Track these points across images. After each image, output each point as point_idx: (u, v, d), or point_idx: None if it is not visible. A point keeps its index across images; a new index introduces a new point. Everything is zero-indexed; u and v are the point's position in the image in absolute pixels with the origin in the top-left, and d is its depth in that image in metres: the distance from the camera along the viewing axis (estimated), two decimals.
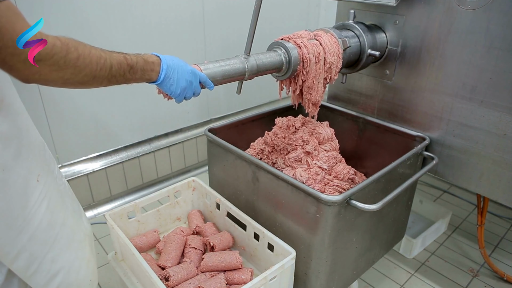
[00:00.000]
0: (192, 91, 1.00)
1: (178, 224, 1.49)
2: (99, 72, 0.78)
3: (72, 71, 0.73)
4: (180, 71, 0.96)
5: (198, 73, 1.00)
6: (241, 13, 2.34)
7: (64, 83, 0.74)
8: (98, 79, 0.79)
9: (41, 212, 0.87)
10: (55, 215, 0.92)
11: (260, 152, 1.49)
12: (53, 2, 1.64)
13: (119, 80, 0.84)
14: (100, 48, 0.80)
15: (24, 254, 0.86)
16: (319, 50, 1.23)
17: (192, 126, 2.41)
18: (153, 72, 0.92)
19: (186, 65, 0.98)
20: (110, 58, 0.81)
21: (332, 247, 1.12)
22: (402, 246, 1.79)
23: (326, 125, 1.49)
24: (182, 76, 0.96)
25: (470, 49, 1.24)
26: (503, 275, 1.65)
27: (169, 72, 0.94)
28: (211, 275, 1.20)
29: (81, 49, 0.74)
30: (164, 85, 0.95)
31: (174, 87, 0.95)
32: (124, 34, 1.90)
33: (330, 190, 1.33)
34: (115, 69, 0.82)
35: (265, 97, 2.78)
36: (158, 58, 0.93)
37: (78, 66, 0.73)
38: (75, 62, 0.72)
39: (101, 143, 2.03)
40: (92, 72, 0.77)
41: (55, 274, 0.94)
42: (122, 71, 0.84)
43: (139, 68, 0.88)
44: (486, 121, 1.26)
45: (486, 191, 1.33)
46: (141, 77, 0.89)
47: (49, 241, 0.91)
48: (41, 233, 0.88)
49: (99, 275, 1.66)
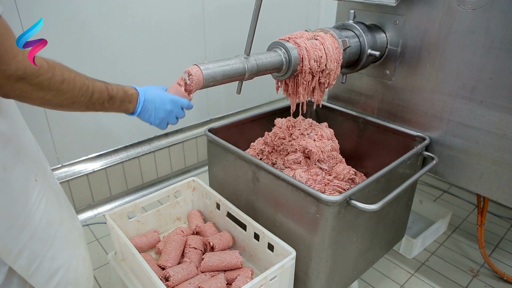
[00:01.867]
0: (174, 118, 1.04)
1: (178, 224, 1.49)
2: (79, 98, 0.81)
3: (54, 93, 0.75)
4: (159, 103, 0.99)
5: (179, 100, 1.02)
6: (241, 13, 2.34)
7: (42, 103, 0.76)
8: (77, 104, 0.81)
9: (40, 211, 0.89)
10: (53, 214, 0.94)
11: (260, 152, 1.49)
12: (53, 2, 1.64)
13: (97, 107, 0.87)
14: (84, 75, 0.83)
15: (26, 253, 0.88)
16: (321, 54, 1.22)
17: (192, 126, 2.41)
18: (131, 104, 0.95)
19: (166, 94, 1.01)
20: (92, 86, 0.84)
21: (332, 247, 1.12)
22: (402, 246, 1.79)
23: (325, 126, 1.49)
24: (161, 107, 0.99)
25: (470, 49, 1.24)
26: (503, 275, 1.65)
27: (146, 104, 0.97)
28: (211, 275, 1.20)
29: (67, 74, 0.77)
30: (142, 116, 0.99)
31: (153, 118, 1.00)
32: (124, 34, 1.90)
33: (330, 191, 1.33)
34: (96, 97, 0.85)
35: (265, 97, 2.78)
36: (137, 92, 0.97)
37: (61, 89, 0.76)
38: (59, 86, 0.75)
39: (101, 143, 2.03)
40: (73, 97, 0.79)
41: (55, 272, 0.96)
42: (101, 100, 0.87)
43: (118, 99, 0.91)
44: (486, 121, 1.26)
45: (486, 191, 1.33)
46: (119, 108, 0.93)
47: (49, 240, 0.93)
48: (41, 231, 0.90)
49: (99, 275, 1.67)
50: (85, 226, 1.98)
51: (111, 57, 1.89)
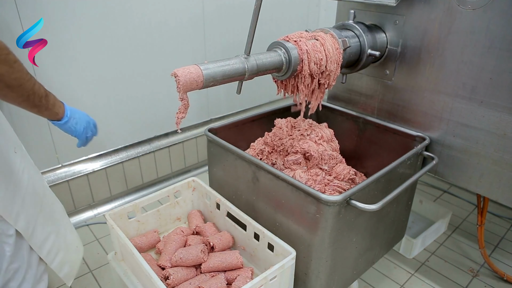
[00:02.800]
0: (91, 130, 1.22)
1: (178, 224, 1.49)
2: (26, 82, 0.89)
3: (7, 69, 0.83)
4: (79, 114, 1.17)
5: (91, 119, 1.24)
6: (241, 14, 2.34)
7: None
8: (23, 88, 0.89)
9: (25, 179, 1.04)
10: (37, 185, 1.11)
11: (260, 152, 1.49)
12: (53, 2, 1.64)
13: (35, 101, 0.96)
14: None
15: (22, 215, 1.03)
16: (321, 56, 1.22)
17: (192, 126, 2.41)
18: (61, 109, 1.09)
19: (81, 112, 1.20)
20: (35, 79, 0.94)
21: (332, 247, 1.12)
22: (402, 246, 1.79)
23: (325, 126, 1.49)
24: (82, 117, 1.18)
25: (470, 49, 1.24)
26: (503, 275, 1.65)
27: (73, 113, 1.14)
28: (211, 275, 1.20)
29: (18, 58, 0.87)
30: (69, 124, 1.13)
31: (78, 125, 1.16)
32: (124, 34, 1.90)
33: (331, 191, 1.33)
34: (37, 88, 0.94)
35: (265, 97, 2.78)
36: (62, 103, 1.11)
37: (13, 67, 0.84)
38: (12, 63, 0.84)
39: (101, 143, 2.03)
40: (21, 79, 0.87)
41: (47, 236, 1.14)
42: (41, 93, 0.97)
43: (51, 100, 1.03)
44: (486, 121, 1.26)
45: (486, 191, 1.33)
46: (52, 109, 1.04)
47: (37, 206, 1.10)
48: (29, 198, 1.06)
49: (99, 275, 1.67)
50: (85, 226, 1.98)
51: (110, 58, 1.89)
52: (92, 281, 1.65)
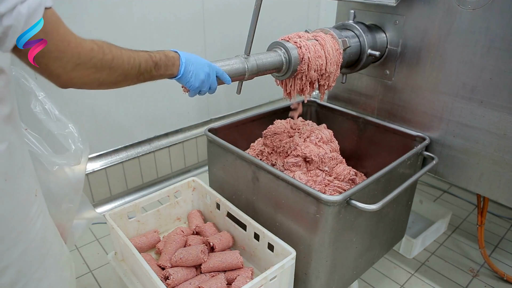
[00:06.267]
0: (208, 84, 1.03)
1: (178, 224, 1.49)
2: (130, 71, 0.82)
3: (108, 72, 0.76)
4: (198, 65, 0.99)
5: (214, 66, 1.03)
6: (241, 13, 2.34)
7: (99, 84, 0.77)
8: (129, 77, 0.83)
9: (36, 227, 0.85)
10: (48, 233, 0.90)
11: (260, 153, 1.49)
12: (53, 2, 1.63)
13: (146, 77, 0.88)
14: (128, 49, 0.83)
15: (12, 270, 0.81)
16: (322, 62, 1.22)
17: (192, 126, 2.41)
18: (174, 67, 0.95)
19: (202, 58, 1.02)
20: (138, 57, 0.84)
21: (332, 247, 1.12)
22: (402, 246, 1.79)
23: (324, 127, 1.49)
24: (200, 68, 0.99)
25: (470, 49, 1.24)
26: (503, 275, 1.65)
27: (188, 65, 0.97)
28: (211, 275, 1.20)
29: (114, 50, 0.78)
30: (183, 78, 0.98)
31: (193, 79, 0.98)
32: (124, 32, 1.89)
33: (331, 191, 1.33)
34: (143, 67, 0.85)
35: (265, 97, 2.78)
36: (177, 54, 0.96)
37: (113, 67, 0.77)
38: (110, 63, 0.76)
39: (101, 143, 2.03)
40: (124, 71, 0.80)
41: None
42: (149, 68, 0.87)
43: (163, 64, 0.91)
44: (486, 121, 1.26)
45: (486, 191, 1.33)
46: (164, 73, 0.93)
47: (40, 259, 0.88)
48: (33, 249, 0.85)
49: (99, 275, 1.67)
50: None
51: None
52: (92, 281, 1.65)
